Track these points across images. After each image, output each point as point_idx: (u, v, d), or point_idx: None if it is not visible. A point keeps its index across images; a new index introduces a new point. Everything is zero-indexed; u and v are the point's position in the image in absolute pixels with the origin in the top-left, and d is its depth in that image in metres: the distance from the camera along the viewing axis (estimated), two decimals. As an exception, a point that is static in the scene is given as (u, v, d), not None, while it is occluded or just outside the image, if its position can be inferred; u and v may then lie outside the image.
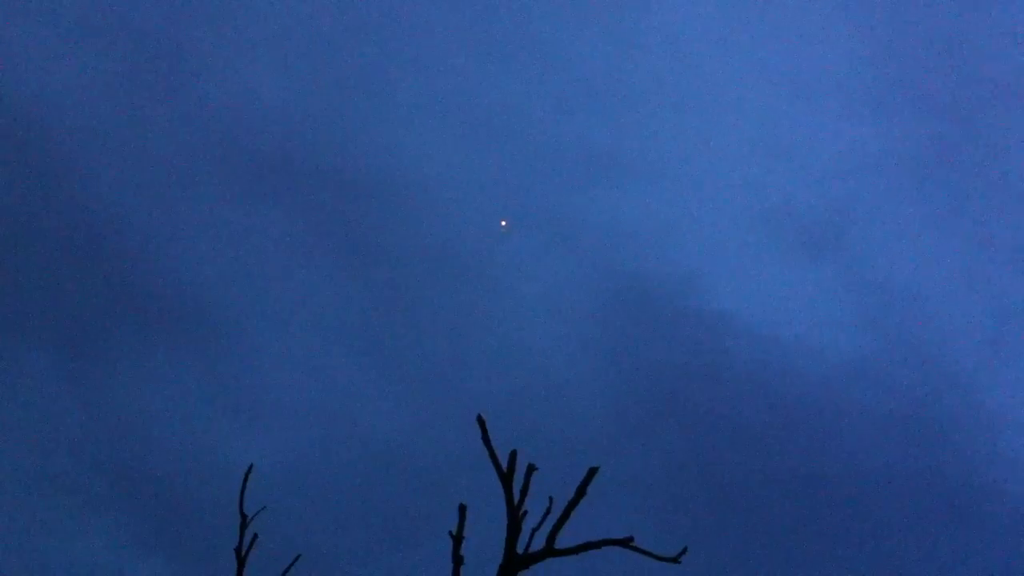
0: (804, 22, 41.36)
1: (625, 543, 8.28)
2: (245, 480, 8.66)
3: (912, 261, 41.39)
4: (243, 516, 8.62)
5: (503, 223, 40.98)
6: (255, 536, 8.56)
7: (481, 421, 8.85)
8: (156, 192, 39.16)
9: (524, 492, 8.47)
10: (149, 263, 38.83)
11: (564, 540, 8.56)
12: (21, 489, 36.23)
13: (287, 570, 8.58)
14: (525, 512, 8.46)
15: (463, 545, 8.66)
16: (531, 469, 8.68)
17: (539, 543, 8.48)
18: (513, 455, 8.64)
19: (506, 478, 8.57)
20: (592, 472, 8.35)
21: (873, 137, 41.40)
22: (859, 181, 41.53)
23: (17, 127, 37.61)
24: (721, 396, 40.28)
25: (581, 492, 8.34)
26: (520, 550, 8.47)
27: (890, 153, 41.33)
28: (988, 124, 40.89)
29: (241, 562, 8.60)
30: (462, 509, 8.75)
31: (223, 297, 39.69)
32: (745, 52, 41.91)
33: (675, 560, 8.21)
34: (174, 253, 39.22)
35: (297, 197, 40.57)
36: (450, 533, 8.67)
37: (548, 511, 8.49)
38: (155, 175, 39.13)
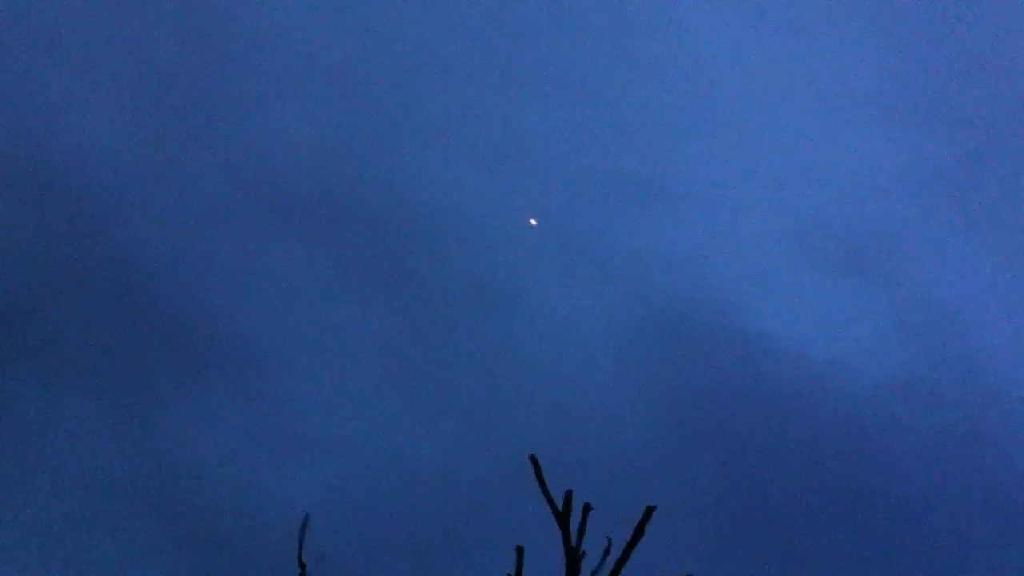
0: (832, 40, 41.26)
1: (687, 582, 8.24)
2: (303, 529, 8.65)
3: (950, 275, 41.04)
4: (302, 565, 8.61)
5: (532, 221, 40.98)
6: (315, 585, 8.53)
7: (534, 461, 8.86)
8: (193, 234, 39.53)
9: (581, 533, 8.47)
10: (188, 304, 39.13)
11: (621, 578, 8.53)
12: (70, 534, 36.49)
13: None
14: (584, 553, 8.45)
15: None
16: (587, 509, 8.68)
17: (598, 584, 8.46)
18: (569, 495, 8.63)
19: (563, 519, 8.57)
20: (650, 511, 8.34)
21: (905, 152, 41.15)
22: (893, 197, 41.26)
23: (55, 176, 38.15)
24: (762, 418, 39.98)
25: (640, 532, 8.32)
26: (580, 592, 8.45)
27: (923, 168, 41.05)
28: (1021, 135, 40.58)
29: (301, 611, 8.59)
30: (519, 551, 8.74)
31: (262, 334, 39.91)
32: (773, 72, 41.81)
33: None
34: (212, 293, 39.52)
35: (330, 232, 40.82)
36: (509, 576, 8.65)
37: (607, 552, 8.47)
38: (191, 217, 39.52)
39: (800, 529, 39.21)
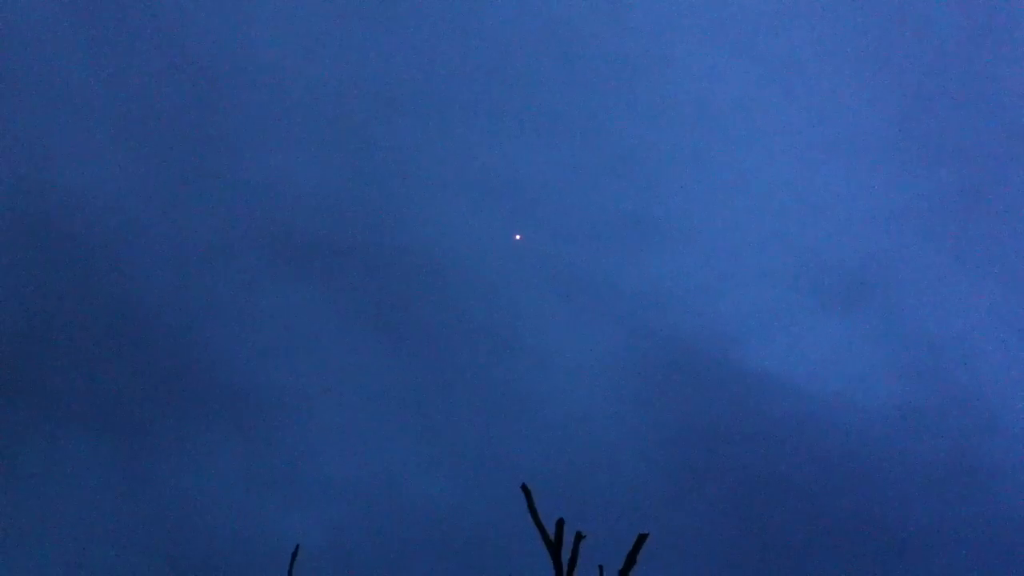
0: (829, 78, 41.52)
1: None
2: (292, 560, 8.61)
3: (948, 308, 41.05)
4: (292, 596, 8.53)
5: (517, 236, 41.00)
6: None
7: (526, 490, 8.78)
8: (196, 275, 39.56)
9: (573, 562, 8.37)
10: (190, 347, 39.08)
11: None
12: (70, 574, 36.20)
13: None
14: (575, 582, 8.34)
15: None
16: (579, 537, 8.58)
17: (591, 613, 8.37)
18: (560, 524, 8.55)
19: (554, 547, 8.48)
20: (642, 539, 8.25)
21: (902, 188, 41.30)
22: (891, 232, 41.36)
23: (58, 217, 38.27)
24: (764, 453, 39.86)
25: (632, 560, 8.24)
26: (572, 621, 8.34)
27: (920, 204, 41.19)
28: (1016, 169, 40.75)
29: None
30: (512, 581, 8.65)
31: (264, 377, 39.83)
32: (772, 112, 42.03)
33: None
34: (215, 335, 39.48)
35: (336, 275, 40.86)
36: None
37: (599, 580, 8.38)
38: (194, 259, 39.57)
39: (800, 560, 38.96)
